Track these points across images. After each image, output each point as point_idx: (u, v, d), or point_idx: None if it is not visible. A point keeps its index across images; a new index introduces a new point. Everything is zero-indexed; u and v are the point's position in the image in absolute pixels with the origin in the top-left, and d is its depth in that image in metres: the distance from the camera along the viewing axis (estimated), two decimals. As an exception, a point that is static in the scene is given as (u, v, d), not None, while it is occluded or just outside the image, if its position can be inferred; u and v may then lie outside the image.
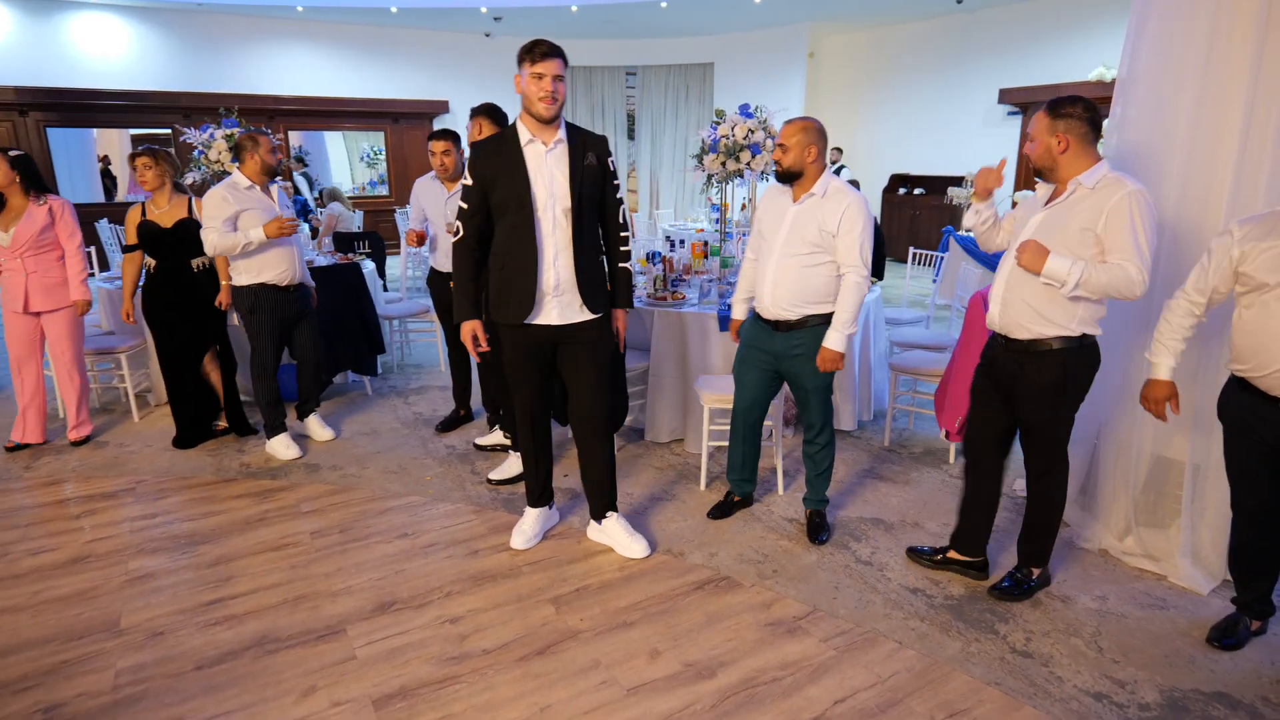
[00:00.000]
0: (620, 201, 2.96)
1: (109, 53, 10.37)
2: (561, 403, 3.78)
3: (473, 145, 2.93)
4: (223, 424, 4.45)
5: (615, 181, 2.93)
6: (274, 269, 3.94)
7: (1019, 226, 2.71)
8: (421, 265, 9.07)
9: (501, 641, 2.57)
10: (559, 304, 2.86)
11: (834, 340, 2.96)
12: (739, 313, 3.29)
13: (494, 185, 2.77)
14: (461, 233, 2.85)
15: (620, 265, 2.99)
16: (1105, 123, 3.07)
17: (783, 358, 3.08)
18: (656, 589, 2.88)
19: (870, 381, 4.57)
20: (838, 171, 11.19)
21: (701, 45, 12.86)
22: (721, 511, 3.43)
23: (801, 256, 2.95)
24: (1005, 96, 10.40)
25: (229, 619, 2.70)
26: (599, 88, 13.53)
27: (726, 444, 3.83)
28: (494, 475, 3.78)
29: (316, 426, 4.37)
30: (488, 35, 12.54)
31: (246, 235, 3.78)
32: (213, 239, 3.78)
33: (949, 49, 11.16)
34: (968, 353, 3.79)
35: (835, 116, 12.84)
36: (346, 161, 13.51)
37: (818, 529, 3.26)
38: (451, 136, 4.10)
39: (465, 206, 2.83)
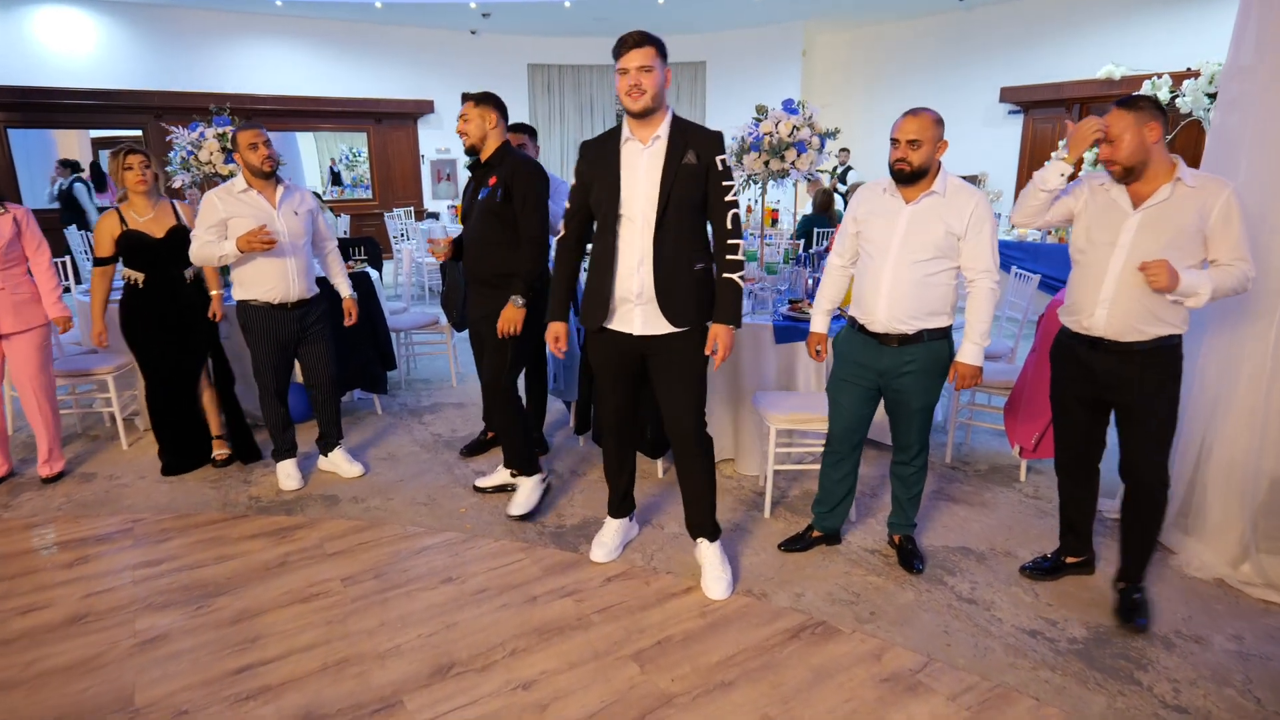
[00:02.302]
0: (730, 205, 2.64)
1: (74, 49, 9.79)
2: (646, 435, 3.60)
3: (581, 145, 2.75)
4: (222, 453, 4.03)
5: (725, 183, 2.62)
6: (261, 285, 3.48)
7: (1101, 226, 2.50)
8: (419, 272, 8.66)
9: (589, 711, 2.23)
10: (642, 313, 2.65)
11: (972, 354, 2.72)
12: (820, 325, 2.99)
13: (592, 185, 2.67)
14: (564, 232, 2.78)
15: (725, 276, 2.66)
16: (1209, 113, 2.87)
17: (890, 375, 2.78)
18: (748, 639, 2.56)
19: (925, 393, 4.29)
20: (844, 175, 10.98)
21: (693, 43, 12.58)
22: (796, 545, 3.12)
23: (924, 263, 2.65)
24: (1006, 95, 10.28)
25: (264, 691, 2.32)
26: (587, 86, 13.18)
27: (791, 468, 3.56)
28: (512, 510, 3.40)
29: (343, 462, 3.89)
30: (474, 33, 12.14)
31: (221, 247, 3.35)
32: (193, 247, 3.42)
33: (948, 47, 11.01)
34: (1044, 364, 3.54)
35: (831, 117, 12.63)
36: (318, 164, 13.03)
37: (911, 555, 2.98)
38: (528, 131, 3.99)
39: (569, 206, 2.76)
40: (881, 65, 11.98)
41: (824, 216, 7.69)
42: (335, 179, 12.80)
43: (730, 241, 2.63)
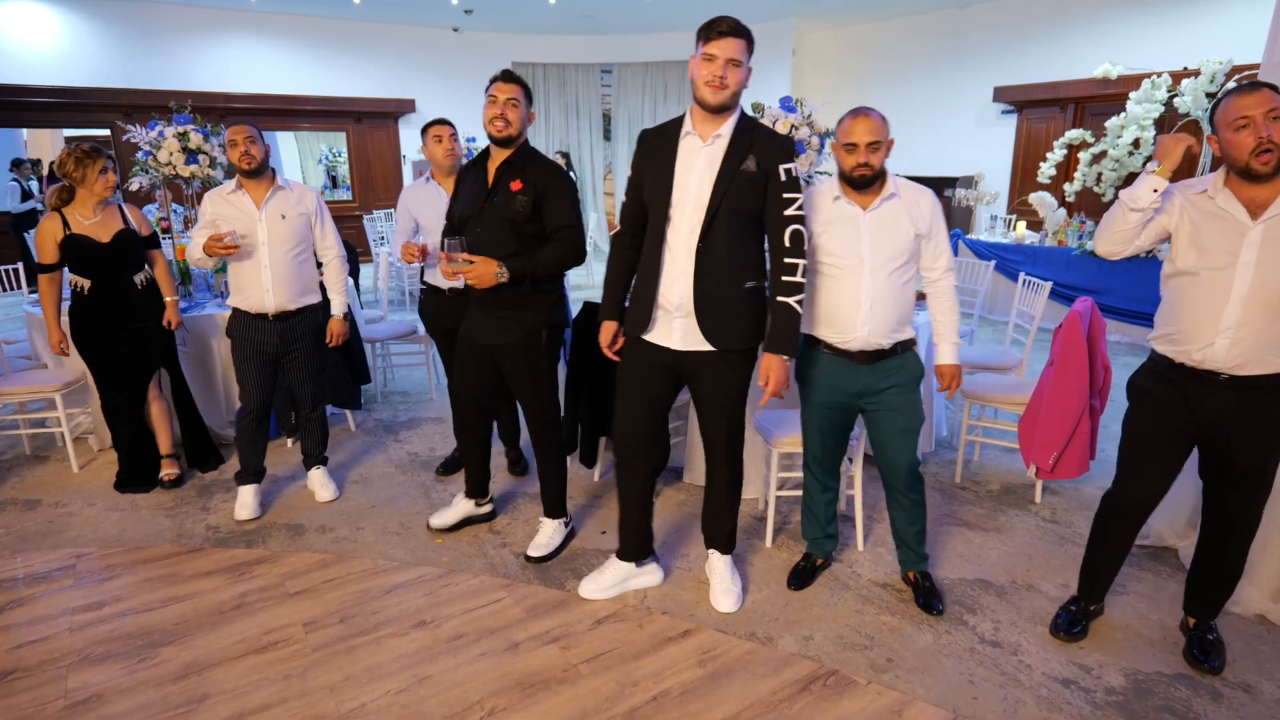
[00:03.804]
0: (791, 220, 2.37)
1: (39, 45, 9.40)
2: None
3: (641, 133, 2.53)
4: (171, 473, 3.74)
5: (788, 195, 2.36)
6: (240, 293, 3.31)
7: (1213, 241, 2.12)
8: (399, 276, 8.36)
9: (576, 787, 1.97)
10: (681, 326, 2.44)
11: (952, 354, 2.62)
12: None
13: (645, 179, 2.45)
14: (619, 228, 2.59)
15: (780, 299, 2.41)
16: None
17: (870, 395, 2.56)
18: (753, 692, 2.31)
19: (932, 408, 4.06)
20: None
21: (681, 42, 12.33)
22: (803, 579, 2.87)
23: (898, 271, 2.48)
24: (1000, 95, 10.09)
25: (207, 764, 2.05)
26: (572, 86, 12.91)
27: (792, 494, 3.31)
28: (533, 552, 3.07)
29: (318, 484, 3.64)
30: (456, 30, 11.84)
31: (199, 250, 3.18)
32: (189, 248, 3.32)
33: (941, 45, 10.82)
34: (1064, 379, 3.31)
35: (821, 117, 12.43)
36: (299, 163, 12.71)
37: (930, 594, 2.73)
38: (451, 123, 3.66)
39: (625, 200, 2.55)
40: (873, 64, 11.78)
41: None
42: (333, 181, 12.47)
43: (788, 261, 2.38)
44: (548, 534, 3.10)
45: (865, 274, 2.45)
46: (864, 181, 2.44)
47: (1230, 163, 2.10)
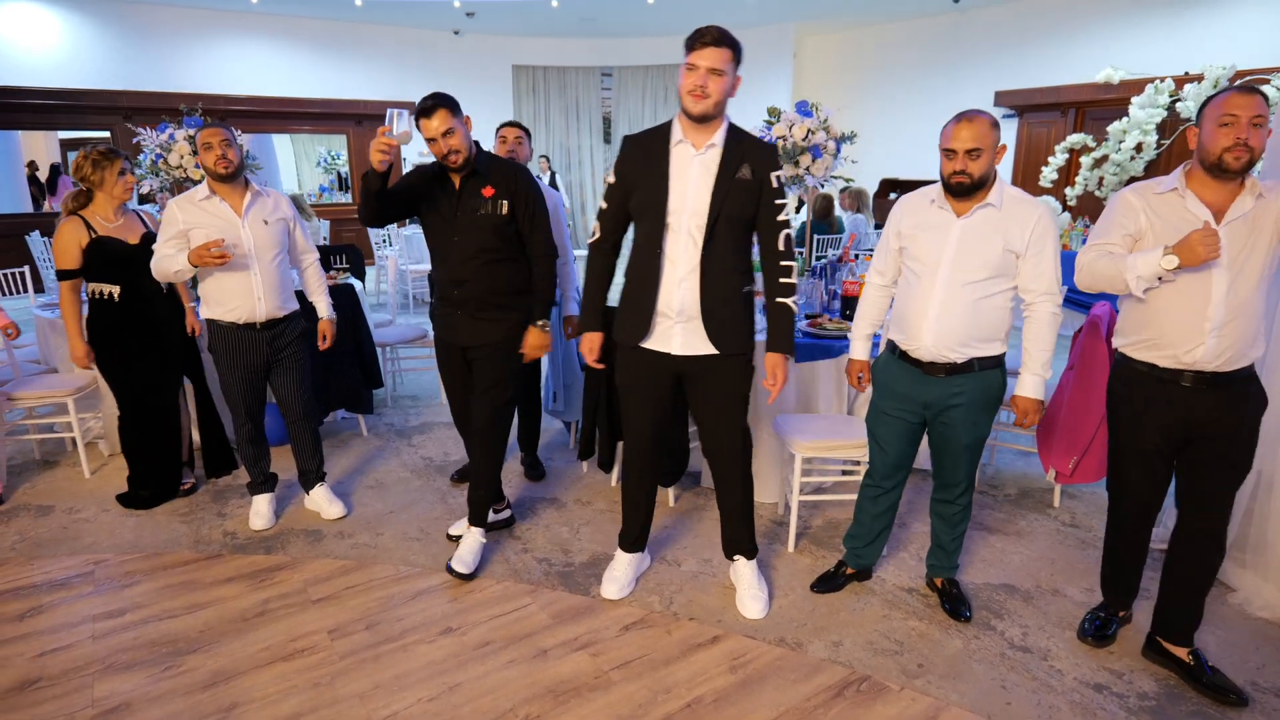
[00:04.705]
0: (783, 225, 2.48)
1: (38, 47, 9.34)
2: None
3: (624, 139, 2.53)
4: (184, 483, 3.71)
5: (778, 201, 2.45)
6: (224, 304, 3.13)
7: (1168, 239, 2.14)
8: (403, 280, 8.33)
9: (616, 796, 1.96)
10: (683, 331, 2.47)
11: (1033, 386, 2.46)
12: (861, 351, 2.74)
13: (634, 186, 2.46)
14: (598, 235, 2.58)
15: (777, 300, 2.52)
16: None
17: (937, 408, 2.51)
18: (786, 698, 2.30)
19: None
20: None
21: (680, 45, 12.34)
22: (829, 585, 2.87)
23: (977, 284, 2.36)
24: (1001, 99, 10.13)
25: (241, 774, 2.03)
26: (573, 89, 12.91)
27: (811, 498, 3.31)
28: (458, 567, 2.93)
29: (324, 501, 3.50)
30: (457, 33, 11.82)
31: (178, 261, 2.99)
32: (153, 261, 3.10)
33: (942, 49, 10.86)
34: (1084, 383, 3.32)
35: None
36: (294, 165, 12.66)
37: (956, 601, 2.73)
38: (524, 130, 3.64)
39: (605, 206, 2.54)
40: (873, 68, 11.82)
41: (824, 224, 7.48)
42: (341, 184, 12.42)
43: (783, 263, 2.49)
44: (474, 548, 2.99)
45: (938, 282, 2.40)
46: (961, 189, 2.33)
47: (1204, 155, 2.12)
